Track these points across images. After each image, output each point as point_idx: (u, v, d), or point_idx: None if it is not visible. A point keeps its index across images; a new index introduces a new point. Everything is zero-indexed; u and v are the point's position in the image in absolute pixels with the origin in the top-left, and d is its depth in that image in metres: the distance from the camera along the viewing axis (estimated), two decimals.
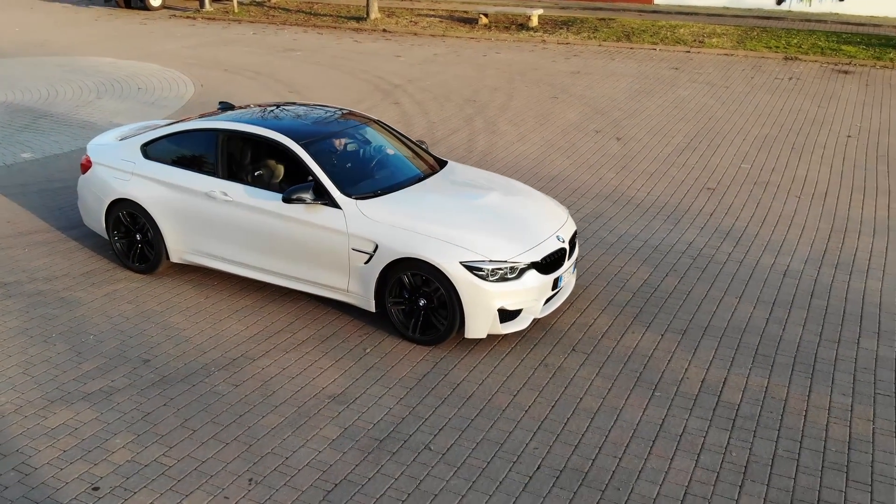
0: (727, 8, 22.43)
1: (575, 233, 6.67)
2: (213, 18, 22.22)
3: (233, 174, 6.89)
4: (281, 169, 6.99)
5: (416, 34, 20.00)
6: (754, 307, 6.75)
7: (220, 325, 6.46)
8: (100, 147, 7.65)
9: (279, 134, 6.71)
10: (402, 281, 6.07)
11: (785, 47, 17.26)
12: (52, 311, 6.70)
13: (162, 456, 4.92)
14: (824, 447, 4.96)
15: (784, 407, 5.37)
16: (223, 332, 6.37)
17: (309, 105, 7.66)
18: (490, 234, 6.07)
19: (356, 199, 6.31)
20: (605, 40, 18.34)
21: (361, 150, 6.99)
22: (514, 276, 5.91)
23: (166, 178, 7.05)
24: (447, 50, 18.06)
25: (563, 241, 6.35)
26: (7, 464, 4.84)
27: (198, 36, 19.80)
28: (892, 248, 7.93)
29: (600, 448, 4.95)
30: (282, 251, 6.54)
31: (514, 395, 5.51)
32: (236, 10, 22.96)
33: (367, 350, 6.08)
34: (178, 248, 7.15)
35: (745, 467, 4.78)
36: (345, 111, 7.58)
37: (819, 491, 4.58)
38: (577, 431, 5.12)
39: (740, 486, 4.61)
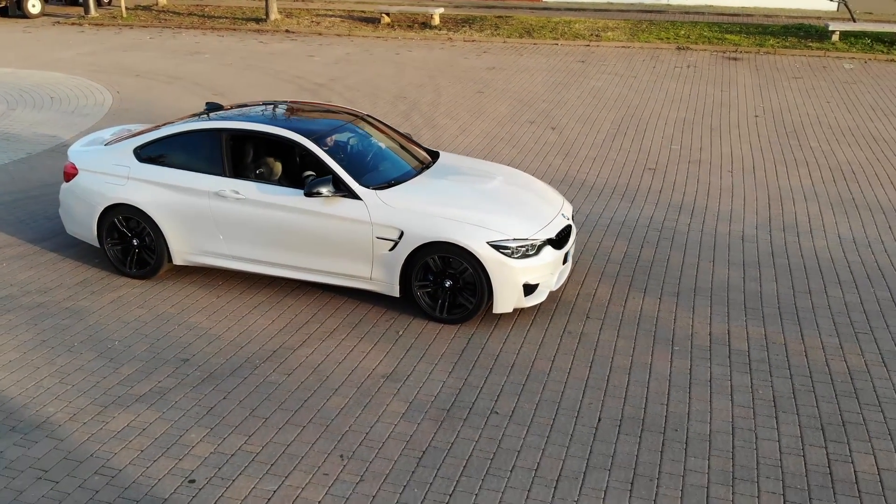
0: (612, 3, 23.75)
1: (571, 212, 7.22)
2: (102, 24, 21.39)
3: (240, 172, 6.99)
4: (291, 165, 7.15)
5: (320, 34, 20.06)
6: (728, 269, 7.51)
7: (244, 322, 6.56)
8: (85, 153, 7.50)
9: (289, 131, 6.85)
10: (427, 264, 6.41)
11: (675, 38, 18.57)
12: (63, 322, 6.57)
13: (245, 444, 5.05)
14: (831, 379, 5.70)
15: (786, 350, 6.09)
16: (250, 327, 6.48)
17: (296, 102, 7.80)
18: (508, 214, 6.50)
19: (373, 189, 6.59)
20: (508, 37, 19.08)
21: (363, 144, 7.23)
22: (533, 252, 6.37)
23: (168, 181, 7.04)
24: (358, 49, 18.26)
25: (569, 219, 6.87)
26: (87, 468, 4.83)
27: (92, 43, 19.04)
28: (824, 211, 8.92)
29: (646, 398, 5.49)
30: (301, 244, 6.71)
31: (553, 360, 5.97)
32: (125, 16, 22.18)
33: (400, 332, 6.37)
34: (183, 249, 7.15)
35: (774, 402, 5.45)
36: (334, 106, 7.78)
37: (840, 415, 5.30)
38: (621, 386, 5.64)
39: (776, 418, 5.27)
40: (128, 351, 6.14)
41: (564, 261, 6.77)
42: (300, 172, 7.18)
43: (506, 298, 6.34)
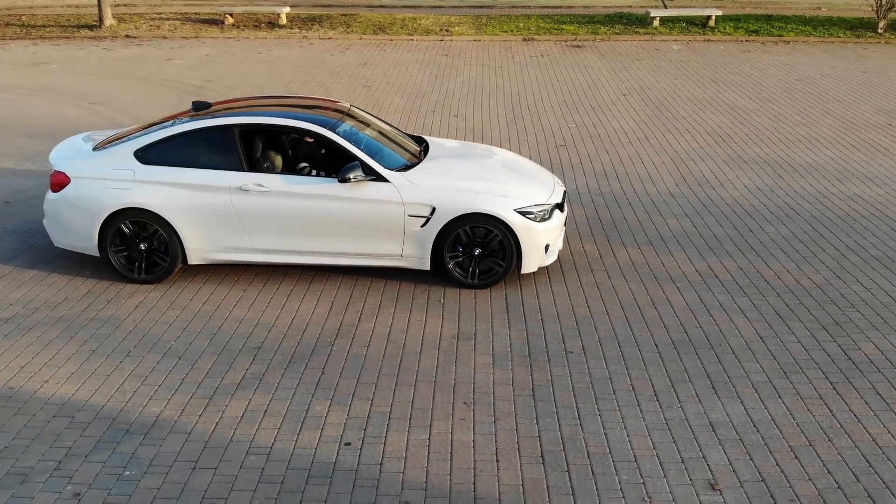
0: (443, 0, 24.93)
1: None
2: None
3: (256, 166, 7.13)
4: (304, 156, 7.42)
5: (164, 37, 19.41)
6: (677, 220, 8.70)
7: (288, 309, 6.78)
8: (75, 161, 7.26)
9: (308, 123, 7.11)
10: (458, 236, 6.97)
11: (517, 30, 19.99)
12: (101, 332, 6.43)
13: (373, 407, 5.41)
14: (808, 293, 6.99)
15: (762, 276, 7.33)
16: (299, 313, 6.71)
17: (283, 96, 7.99)
18: (522, 184, 7.23)
19: (396, 171, 7.03)
20: (364, 34, 19.58)
21: (366, 132, 7.61)
22: (548, 216, 7.14)
23: (182, 180, 7.03)
24: (215, 50, 17.96)
25: (563, 186, 7.70)
26: (237, 451, 4.99)
27: None
28: (722, 168, 10.42)
29: (681, 325, 6.46)
30: (332, 230, 7.01)
31: (588, 307, 6.79)
32: None
33: (441, 301, 6.90)
34: (201, 248, 7.16)
35: (778, 314, 6.62)
36: (317, 99, 8.05)
37: (831, 317, 6.58)
38: (656, 318, 6.57)
39: (787, 325, 6.44)
40: (191, 348, 6.19)
41: (564, 223, 7.62)
42: (314, 162, 7.45)
43: (531, 259, 7.07)
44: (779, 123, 12.47)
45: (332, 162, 7.53)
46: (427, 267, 7.13)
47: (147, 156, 7.18)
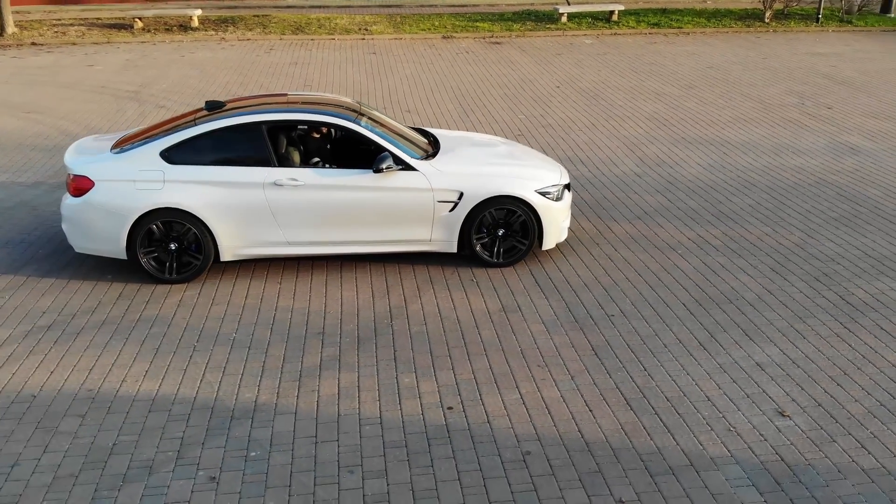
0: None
1: None
2: None
3: (285, 161, 7.30)
4: (331, 149, 7.69)
5: (74, 44, 18.71)
6: (654, 195, 9.47)
7: (333, 297, 7.05)
8: (97, 164, 7.20)
9: (336, 118, 7.35)
10: (484, 218, 7.40)
11: (434, 28, 20.51)
12: (155, 331, 6.50)
13: (457, 376, 5.81)
14: (794, 253, 7.86)
15: (747, 240, 8.17)
16: (345, 300, 6.99)
17: (294, 93, 8.12)
18: (535, 167, 7.75)
19: (422, 161, 7.39)
20: (283, 34, 19.55)
21: (383, 126, 7.90)
22: (562, 196, 7.69)
23: (213, 178, 7.13)
24: (134, 55, 17.51)
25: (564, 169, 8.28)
26: (353, 422, 5.24)
27: None
28: (672, 149, 11.31)
29: (707, 283, 7.17)
30: (365, 219, 7.29)
31: (610, 276, 7.39)
32: None
33: (474, 279, 7.32)
34: (234, 244, 7.28)
35: (781, 267, 7.44)
36: (328, 97, 8.26)
37: (825, 265, 7.46)
38: (680, 280, 7.26)
39: (790, 281, 7.27)
40: (256, 338, 6.36)
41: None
42: (338, 155, 7.71)
43: (551, 236, 7.62)
44: (706, 107, 13.57)
45: (352, 155, 7.84)
46: (454, 250, 7.55)
47: (174, 156, 7.22)
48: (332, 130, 8.20)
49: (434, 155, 7.68)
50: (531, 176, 7.58)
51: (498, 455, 4.96)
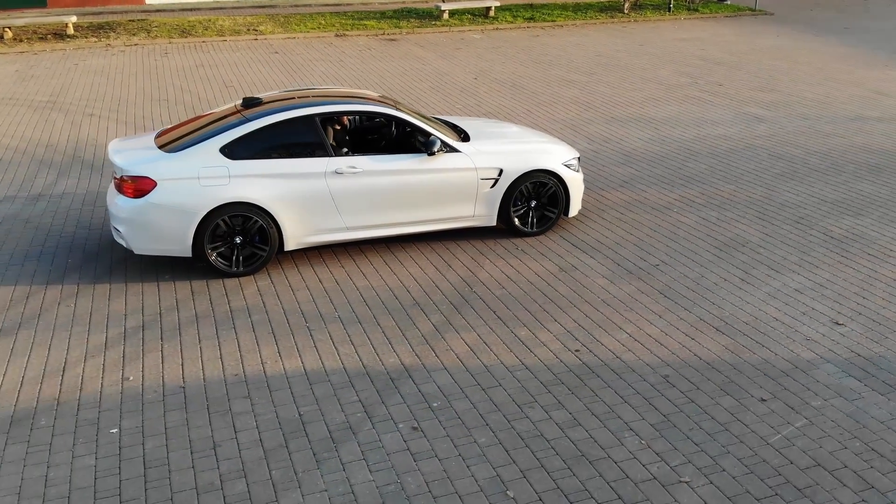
0: (219, 2, 24.56)
1: None
2: None
3: (338, 150, 7.64)
4: (384, 134, 8.26)
5: None
6: (624, 167, 10.58)
7: (402, 274, 7.55)
8: (156, 164, 7.21)
9: (382, 107, 7.79)
10: (521, 191, 8.12)
11: (322, 27, 20.73)
12: (255, 318, 6.75)
13: (564, 326, 6.51)
14: (788, 211, 9.19)
15: (741, 197, 9.42)
16: (416, 276, 7.51)
17: (313, 88, 8.45)
18: (553, 144, 8.58)
19: (463, 143, 7.99)
20: (171, 38, 19.04)
21: (416, 114, 8.38)
22: (579, 168, 8.56)
23: (277, 171, 7.37)
24: (21, 66, 16.53)
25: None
26: (509, 371, 5.79)
27: None
28: (610, 128, 12.52)
29: (711, 234, 8.28)
30: (416, 200, 7.82)
31: (633, 235, 8.35)
32: None
33: (517, 248, 8.03)
34: (298, 234, 7.53)
35: (766, 216, 8.72)
36: (352, 91, 8.65)
37: (814, 225, 8.82)
38: (689, 234, 8.34)
39: (775, 226, 8.55)
40: (360, 315, 6.76)
41: None
42: (379, 142, 8.13)
43: (576, 204, 8.48)
44: (616, 90, 14.97)
45: (392, 142, 8.37)
46: (494, 223, 8.23)
47: (235, 151, 7.38)
48: (361, 119, 8.66)
49: (467, 138, 8.31)
50: (554, 151, 8.41)
51: (644, 380, 5.77)
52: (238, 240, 7.47)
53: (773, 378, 5.79)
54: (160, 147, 7.58)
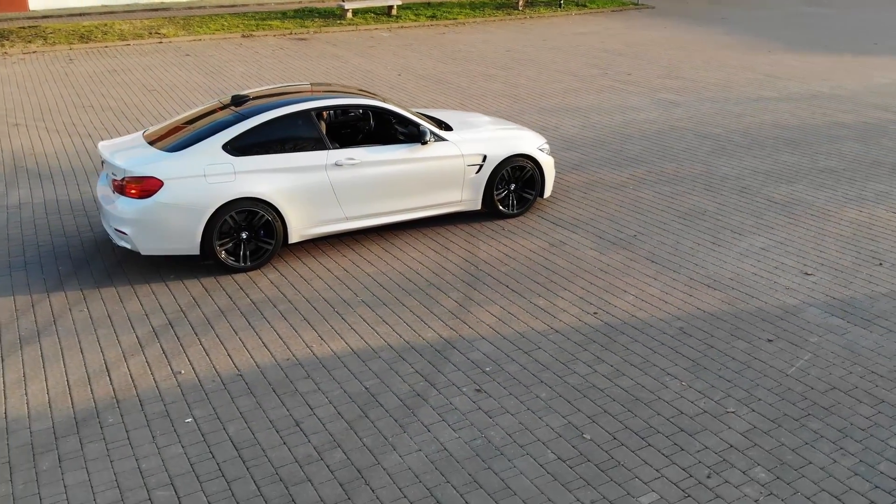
0: (106, 6, 23.65)
1: None
2: None
3: (344, 141, 7.91)
4: (365, 128, 8.48)
5: None
6: (570, 152, 11.27)
7: (408, 259, 7.92)
8: (160, 163, 7.24)
9: (371, 100, 8.08)
10: (503, 176, 8.61)
11: (224, 28, 20.46)
12: (282, 308, 6.95)
13: (581, 290, 7.03)
14: (720, 175, 10.10)
15: (679, 170, 10.26)
16: (423, 260, 7.89)
17: (300, 83, 8.63)
18: (524, 130, 9.15)
19: (447, 132, 8.39)
20: (71, 44, 18.31)
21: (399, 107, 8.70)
22: (549, 151, 9.15)
23: (280, 165, 7.54)
24: None
25: None
26: (580, 330, 6.26)
27: None
28: (544, 118, 13.23)
29: (674, 204, 9.04)
30: (409, 188, 8.19)
31: (603, 210, 9.01)
32: None
33: (503, 228, 8.52)
34: (301, 226, 7.71)
35: (713, 187, 9.59)
36: (338, 85, 8.93)
37: (748, 185, 9.75)
38: (653, 206, 9.09)
39: (727, 196, 9.43)
40: (381, 298, 7.08)
41: None
42: (378, 133, 8.42)
43: (549, 186, 9.09)
44: (536, 83, 15.74)
45: (378, 133, 8.69)
46: (479, 207, 8.70)
47: (237, 148, 7.49)
48: (336, 112, 8.90)
49: (450, 128, 8.73)
50: (528, 137, 8.97)
51: (664, 333, 6.42)
52: (244, 235, 7.60)
53: (771, 322, 6.58)
54: (168, 148, 7.59)
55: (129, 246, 7.44)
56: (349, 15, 22.23)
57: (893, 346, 6.22)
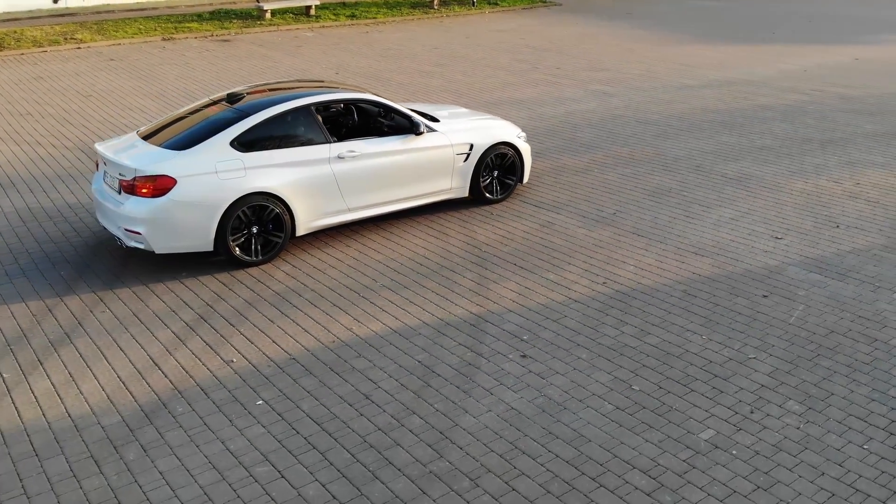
0: (8, 13, 22.56)
1: None
2: None
3: (340, 134, 8.17)
4: (370, 119, 8.89)
5: None
6: (528, 142, 11.80)
7: (411, 247, 8.27)
8: (172, 161, 7.34)
9: (366, 94, 8.37)
10: (488, 163, 9.05)
11: (141, 32, 19.99)
12: (309, 295, 7.15)
13: (584, 264, 7.51)
14: (688, 151, 10.85)
15: (645, 150, 10.96)
16: (425, 246, 8.26)
17: (298, 80, 8.81)
18: (500, 120, 9.62)
19: (436, 123, 8.76)
20: None
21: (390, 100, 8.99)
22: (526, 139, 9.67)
23: (287, 160, 7.74)
24: None
25: None
26: (600, 300, 6.72)
27: None
28: (502, 110, 13.72)
29: (651, 182, 9.70)
30: (406, 177, 8.55)
31: (579, 193, 9.57)
32: None
33: (492, 213, 8.98)
34: (307, 219, 7.93)
35: (680, 162, 10.32)
36: (333, 82, 9.15)
37: (707, 161, 10.54)
38: (633, 186, 9.69)
39: (701, 173, 10.19)
40: (398, 282, 7.40)
41: None
42: (366, 125, 8.67)
43: (527, 172, 9.59)
44: (472, 78, 16.26)
45: (368, 126, 8.93)
46: (466, 194, 9.13)
47: (244, 144, 7.62)
48: (334, 106, 9.06)
49: (436, 119, 9.09)
50: (506, 126, 9.46)
51: (671, 296, 7.04)
52: (255, 229, 7.74)
53: (761, 280, 7.32)
54: (175, 146, 7.63)
55: (141, 246, 7.46)
56: (268, 15, 22.13)
57: (870, 294, 7.07)
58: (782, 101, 14.16)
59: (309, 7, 22.82)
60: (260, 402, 5.64)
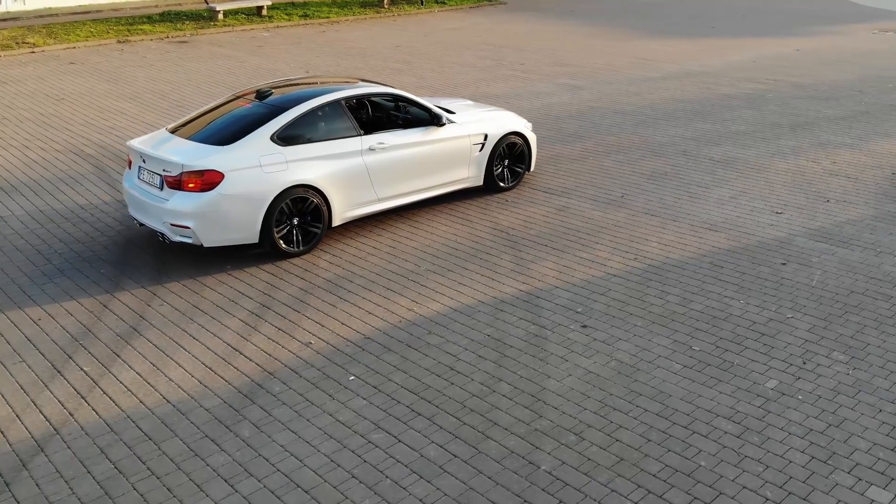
0: None
1: None
2: None
3: (365, 127, 8.47)
4: (395, 112, 9.21)
5: None
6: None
7: (436, 234, 8.64)
8: (217, 156, 7.53)
9: (392, 89, 8.66)
10: (500, 153, 9.46)
11: (97, 35, 19.59)
12: (357, 283, 7.44)
13: (590, 251, 7.99)
14: (673, 138, 11.47)
15: (633, 138, 11.53)
16: (451, 233, 8.63)
17: (316, 76, 9.03)
18: (507, 112, 10.00)
19: (453, 115, 9.12)
20: None
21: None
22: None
23: (322, 153, 8.02)
24: None
25: None
26: (632, 279, 7.17)
27: None
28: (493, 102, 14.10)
29: (649, 166, 10.27)
30: (429, 167, 8.92)
31: (585, 179, 10.06)
32: None
33: (507, 200, 9.37)
34: (342, 209, 8.20)
35: (662, 147, 10.94)
36: (347, 77, 9.38)
37: (692, 147, 11.18)
38: (630, 170, 10.23)
39: (691, 157, 10.81)
40: (438, 266, 7.80)
41: None
42: (388, 118, 8.95)
43: (534, 161, 10.01)
44: (443, 75, 16.65)
45: (389, 118, 9.24)
46: (481, 183, 9.54)
47: (283, 138, 7.82)
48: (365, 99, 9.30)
49: (453, 112, 9.45)
50: (514, 117, 9.90)
51: (701, 266, 7.63)
52: (296, 220, 7.95)
53: (775, 250, 7.97)
54: (215, 140, 7.82)
55: (189, 240, 7.59)
56: (220, 16, 21.99)
57: (874, 258, 7.81)
58: (742, 90, 15.07)
59: (261, 7, 22.78)
60: (352, 377, 5.92)
